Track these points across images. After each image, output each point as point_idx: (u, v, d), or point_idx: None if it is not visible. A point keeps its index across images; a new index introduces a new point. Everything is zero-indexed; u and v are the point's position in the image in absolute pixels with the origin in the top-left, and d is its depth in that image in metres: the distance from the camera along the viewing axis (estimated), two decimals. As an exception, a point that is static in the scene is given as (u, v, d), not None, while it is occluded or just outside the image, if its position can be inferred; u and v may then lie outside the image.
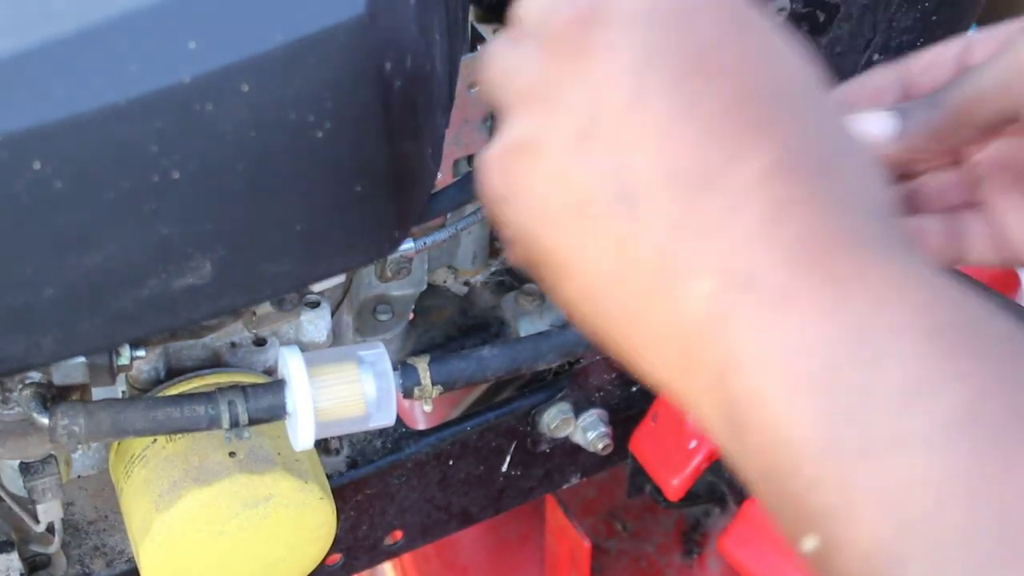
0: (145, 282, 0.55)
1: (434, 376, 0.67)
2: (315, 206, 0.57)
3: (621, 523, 1.40)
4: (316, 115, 0.54)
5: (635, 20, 0.45)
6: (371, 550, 0.94)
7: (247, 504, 0.72)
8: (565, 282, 0.48)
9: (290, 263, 0.59)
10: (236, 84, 0.51)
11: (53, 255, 0.52)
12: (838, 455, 0.39)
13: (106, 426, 0.63)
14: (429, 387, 0.66)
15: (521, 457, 0.97)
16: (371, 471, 0.89)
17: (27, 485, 0.74)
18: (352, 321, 0.93)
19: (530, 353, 0.72)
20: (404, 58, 0.56)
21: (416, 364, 0.67)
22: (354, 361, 0.65)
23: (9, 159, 0.49)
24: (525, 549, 1.44)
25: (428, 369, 0.66)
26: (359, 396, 0.64)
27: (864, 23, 0.82)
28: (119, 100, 0.49)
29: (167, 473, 0.72)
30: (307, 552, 0.76)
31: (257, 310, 0.74)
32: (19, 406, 0.68)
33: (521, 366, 0.71)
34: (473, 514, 0.98)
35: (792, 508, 0.40)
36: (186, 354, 0.78)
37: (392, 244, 0.63)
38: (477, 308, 1.02)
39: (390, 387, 0.65)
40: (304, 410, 0.63)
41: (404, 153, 0.59)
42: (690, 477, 0.99)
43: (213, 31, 0.51)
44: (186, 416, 0.64)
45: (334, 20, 0.52)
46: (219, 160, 0.53)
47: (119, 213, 0.52)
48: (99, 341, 0.57)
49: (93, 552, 0.85)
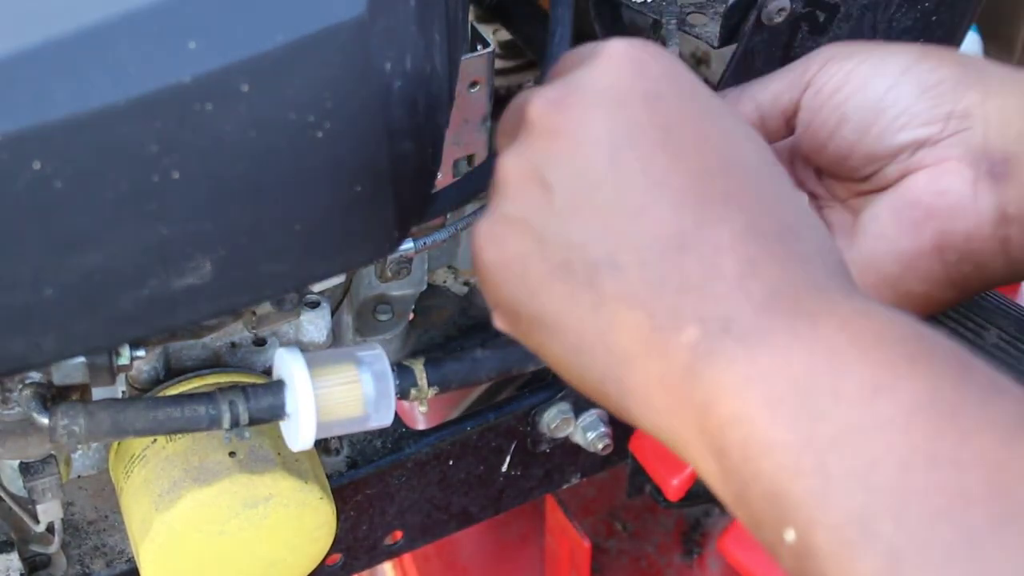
0: (145, 282, 0.55)
1: (429, 378, 0.67)
2: (315, 206, 0.57)
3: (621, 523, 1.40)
4: (316, 115, 0.54)
5: (606, 103, 0.51)
6: (371, 550, 0.94)
7: (247, 504, 0.72)
8: (552, 344, 0.53)
9: (290, 263, 0.59)
10: (236, 84, 0.51)
11: (53, 255, 0.52)
12: (814, 447, 0.44)
13: (106, 426, 0.63)
14: (425, 388, 0.66)
15: (521, 457, 0.97)
16: (371, 471, 0.89)
17: (27, 485, 0.74)
18: (352, 321, 0.93)
19: (520, 355, 0.72)
20: (404, 58, 0.56)
21: (412, 366, 0.67)
22: (353, 362, 0.65)
23: (9, 159, 0.49)
24: (525, 549, 1.44)
25: (424, 371, 0.66)
26: (358, 397, 0.64)
27: (864, 23, 0.82)
28: (119, 100, 0.49)
29: (167, 473, 0.72)
30: (307, 552, 0.76)
31: (257, 310, 0.74)
32: (19, 406, 0.68)
33: (512, 368, 0.72)
34: (473, 514, 0.98)
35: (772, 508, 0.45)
36: (186, 354, 0.78)
37: (392, 244, 0.63)
38: (477, 308, 1.02)
39: (389, 388, 0.65)
40: (306, 411, 0.63)
41: (404, 153, 0.59)
42: (690, 477, 0.99)
43: (213, 31, 0.51)
44: (187, 416, 0.64)
45: (334, 20, 0.52)
46: (219, 160, 0.53)
47: (119, 213, 0.52)
48: (99, 341, 0.57)
49: (93, 552, 0.85)
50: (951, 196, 0.64)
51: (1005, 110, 0.63)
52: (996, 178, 0.63)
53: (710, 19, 0.77)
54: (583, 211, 0.50)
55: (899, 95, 0.64)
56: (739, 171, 0.51)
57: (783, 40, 0.79)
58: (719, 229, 0.48)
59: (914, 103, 0.64)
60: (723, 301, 0.48)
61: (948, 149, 0.64)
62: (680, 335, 0.48)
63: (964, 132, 0.64)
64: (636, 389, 0.50)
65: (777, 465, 0.44)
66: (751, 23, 0.77)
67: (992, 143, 0.63)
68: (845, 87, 0.65)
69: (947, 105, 0.64)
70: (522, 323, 0.54)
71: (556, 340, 0.52)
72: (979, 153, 0.63)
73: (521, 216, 0.52)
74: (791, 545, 0.44)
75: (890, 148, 0.65)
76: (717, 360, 0.47)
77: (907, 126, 0.64)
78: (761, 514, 0.46)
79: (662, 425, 0.50)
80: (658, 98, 0.51)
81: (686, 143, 0.50)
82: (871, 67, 0.65)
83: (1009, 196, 0.63)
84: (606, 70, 0.52)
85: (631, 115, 0.51)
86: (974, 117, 0.63)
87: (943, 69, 0.64)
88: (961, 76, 0.64)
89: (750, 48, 0.78)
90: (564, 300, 0.51)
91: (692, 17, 0.78)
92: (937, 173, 0.64)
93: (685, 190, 0.49)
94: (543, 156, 0.51)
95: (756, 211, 0.49)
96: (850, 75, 0.65)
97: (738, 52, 0.79)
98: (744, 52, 0.79)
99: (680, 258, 0.48)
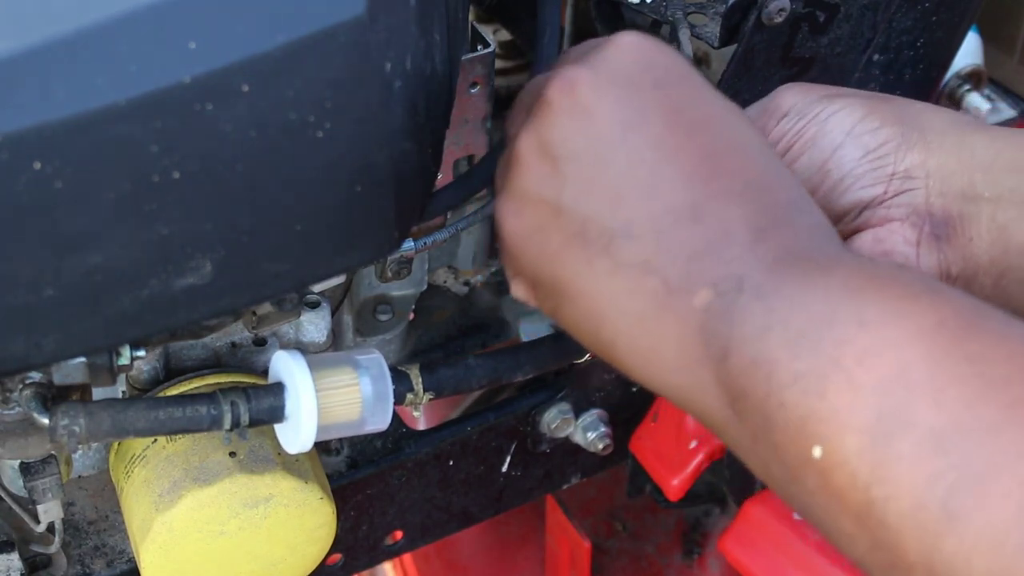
0: (145, 282, 0.55)
1: (425, 383, 0.67)
2: (315, 206, 0.57)
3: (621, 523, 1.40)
4: (316, 115, 0.54)
5: (618, 86, 0.54)
6: (371, 550, 0.94)
7: (247, 504, 0.72)
8: (568, 308, 0.56)
9: (290, 263, 0.59)
10: (236, 84, 0.51)
11: (53, 255, 0.52)
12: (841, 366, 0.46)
13: (106, 426, 0.63)
14: (421, 394, 0.66)
15: (521, 457, 0.97)
16: (371, 471, 0.89)
17: (27, 485, 0.74)
18: (352, 321, 0.93)
19: (510, 364, 0.73)
20: (404, 58, 0.56)
21: (409, 371, 0.67)
22: (351, 365, 0.65)
23: (9, 159, 0.49)
24: (525, 549, 1.44)
25: (420, 376, 0.66)
26: (356, 400, 0.64)
27: (864, 23, 0.82)
28: (119, 100, 0.49)
29: (167, 473, 0.72)
30: (307, 552, 0.76)
31: (257, 310, 0.74)
32: (19, 406, 0.68)
33: (502, 377, 0.72)
34: (473, 514, 0.98)
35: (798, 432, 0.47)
36: (186, 354, 0.78)
37: (392, 244, 0.63)
38: (477, 308, 1.02)
39: (387, 392, 0.65)
40: (308, 414, 0.63)
41: (404, 153, 0.59)
42: (690, 477, 0.99)
43: (213, 31, 0.51)
44: (188, 416, 0.64)
45: (334, 20, 0.52)
46: (219, 160, 0.53)
47: (119, 213, 0.52)
48: (99, 341, 0.57)
49: (93, 552, 0.85)
50: (895, 256, 0.65)
51: (944, 169, 0.64)
52: (938, 239, 0.64)
53: (710, 19, 0.77)
54: (597, 183, 0.53)
55: (843, 157, 0.65)
56: (742, 152, 0.54)
57: (783, 40, 0.79)
58: (729, 201, 0.52)
59: (857, 165, 0.65)
60: (735, 263, 0.50)
61: (892, 210, 0.65)
62: (694, 298, 0.51)
63: (907, 192, 0.65)
64: (649, 349, 0.53)
65: (802, 391, 0.46)
66: (751, 23, 0.77)
67: (934, 204, 0.64)
68: (795, 146, 0.66)
69: (889, 167, 0.65)
70: (541, 289, 0.57)
71: (572, 304, 0.55)
72: (922, 214, 0.65)
73: (538, 188, 0.55)
74: (817, 461, 0.46)
75: (836, 209, 0.66)
76: (732, 317, 0.50)
77: (851, 188, 0.66)
78: (784, 443, 0.47)
79: (672, 383, 0.53)
80: (666, 84, 0.55)
81: (693, 125, 0.54)
82: (818, 126, 0.66)
83: (951, 256, 0.64)
84: (618, 57, 0.55)
85: (641, 97, 0.54)
86: (916, 178, 0.65)
87: (886, 129, 0.65)
88: (904, 136, 0.65)
89: (750, 48, 0.78)
90: (581, 266, 0.54)
91: (692, 17, 0.78)
92: (882, 234, 0.66)
93: (694, 166, 0.52)
94: (559, 131, 0.54)
95: (761, 187, 0.53)
96: (799, 134, 0.66)
97: (738, 52, 0.79)
98: (744, 52, 0.79)
99: (693, 227, 0.51)
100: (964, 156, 0.63)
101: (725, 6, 0.76)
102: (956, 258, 0.64)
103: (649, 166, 0.53)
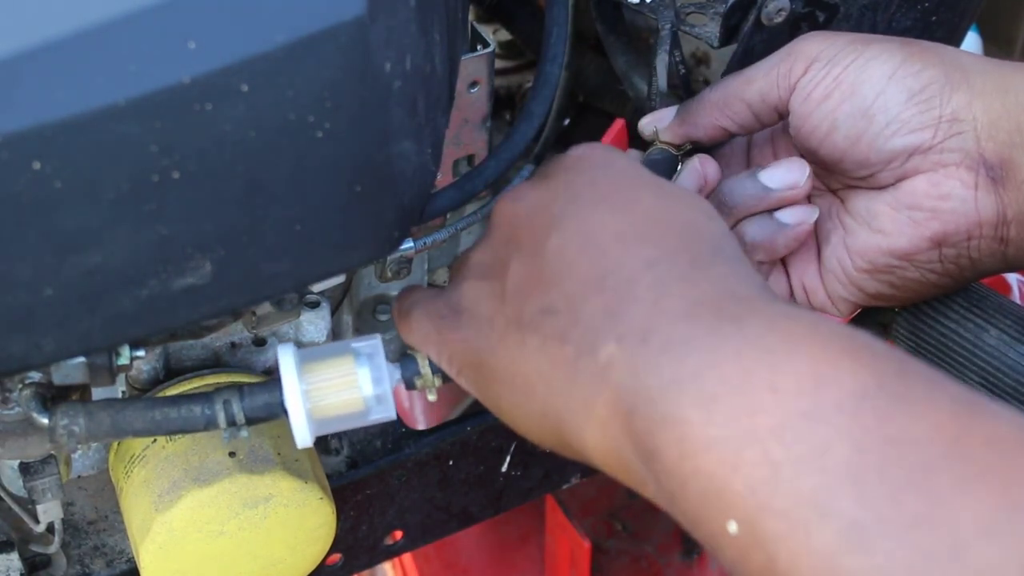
0: (145, 282, 0.55)
1: (433, 366, 0.66)
2: (315, 206, 0.57)
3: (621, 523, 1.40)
4: (316, 115, 0.54)
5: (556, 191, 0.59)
6: (371, 550, 0.94)
7: (247, 504, 0.72)
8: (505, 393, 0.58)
9: (290, 263, 0.59)
10: (236, 84, 0.51)
11: (53, 255, 0.52)
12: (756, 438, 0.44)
13: (106, 426, 0.63)
14: (430, 376, 0.65)
15: (521, 457, 0.97)
16: (371, 471, 0.89)
17: (27, 485, 0.74)
18: (352, 321, 0.93)
19: None
20: (404, 58, 0.56)
21: (415, 355, 0.66)
22: (349, 354, 0.65)
23: (9, 159, 0.49)
24: (525, 549, 1.44)
25: (427, 359, 0.66)
26: (355, 390, 0.64)
27: (864, 23, 0.82)
28: (119, 100, 0.49)
29: (167, 473, 0.72)
30: (307, 552, 0.76)
31: (257, 310, 0.74)
32: (19, 406, 0.68)
33: None
34: (473, 514, 0.98)
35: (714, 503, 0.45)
36: (186, 354, 0.78)
37: (392, 244, 0.63)
38: (477, 308, 1.02)
39: (387, 377, 0.65)
40: (295, 408, 0.63)
41: (404, 153, 0.59)
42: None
43: (213, 31, 0.51)
44: (183, 416, 0.64)
45: (334, 20, 0.52)
46: (219, 160, 0.53)
47: (119, 213, 0.52)
48: (99, 341, 0.57)
49: (93, 552, 0.85)
50: (953, 200, 0.65)
51: (991, 113, 0.64)
52: (995, 182, 0.64)
53: (710, 19, 0.77)
54: (534, 275, 0.56)
55: (887, 102, 0.65)
56: (662, 222, 0.55)
57: (783, 40, 0.79)
58: (633, 263, 0.53)
59: (903, 109, 0.65)
60: (639, 320, 0.51)
61: (945, 155, 0.65)
62: (598, 356, 0.51)
63: (956, 136, 0.64)
64: (571, 414, 0.53)
65: (716, 461, 0.45)
66: (751, 23, 0.77)
67: (985, 148, 0.64)
68: (834, 93, 0.66)
69: (936, 110, 0.64)
70: (482, 375, 0.59)
71: (508, 388, 0.57)
72: (976, 158, 0.64)
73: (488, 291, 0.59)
74: (735, 537, 0.44)
75: (882, 155, 0.65)
76: (637, 368, 0.49)
77: (898, 133, 0.65)
78: (701, 511, 0.46)
79: (598, 448, 0.52)
80: (598, 179, 0.58)
81: (616, 207, 0.56)
82: (857, 72, 0.65)
83: (1008, 199, 0.64)
84: (559, 169, 0.60)
85: (574, 193, 0.58)
86: (964, 120, 0.64)
87: (929, 71, 0.65)
88: (947, 77, 0.64)
89: (749, 48, 0.78)
90: (516, 348, 0.56)
91: (692, 17, 0.78)
92: (937, 178, 0.65)
93: (609, 242, 0.54)
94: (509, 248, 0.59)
95: (670, 246, 0.54)
96: (837, 81, 0.66)
97: (738, 52, 0.79)
98: (744, 52, 0.78)
99: (600, 294, 0.53)
100: (1009, 100, 0.63)
101: (725, 6, 0.76)
102: (1011, 201, 0.64)
103: (573, 249, 0.55)
